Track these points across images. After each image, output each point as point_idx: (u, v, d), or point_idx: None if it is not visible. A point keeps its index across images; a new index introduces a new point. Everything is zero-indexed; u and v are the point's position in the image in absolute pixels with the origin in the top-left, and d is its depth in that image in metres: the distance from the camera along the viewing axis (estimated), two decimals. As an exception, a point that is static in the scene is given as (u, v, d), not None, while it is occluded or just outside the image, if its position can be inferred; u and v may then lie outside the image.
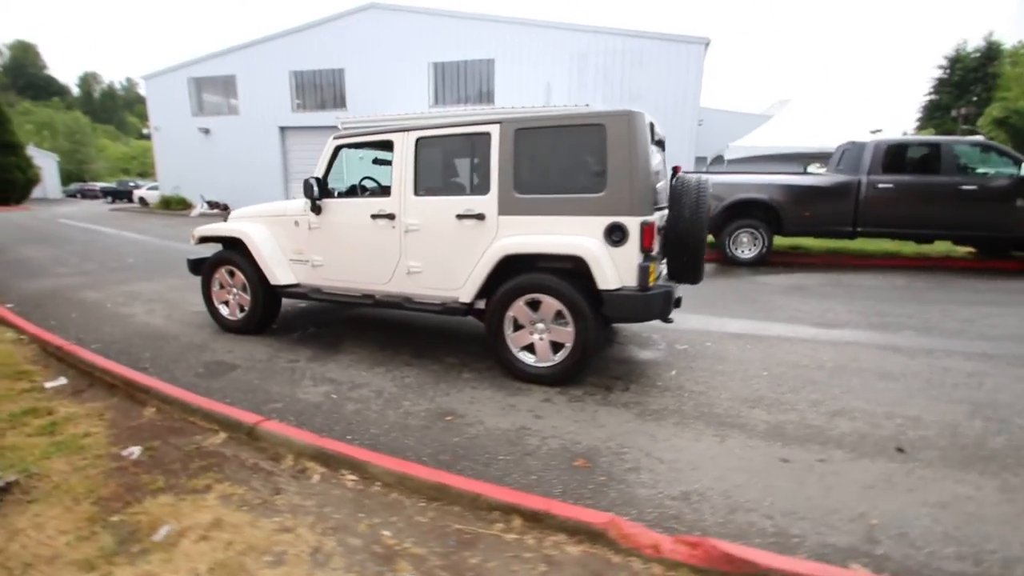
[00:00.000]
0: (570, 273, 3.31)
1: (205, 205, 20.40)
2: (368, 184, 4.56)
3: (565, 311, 3.29)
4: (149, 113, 22.85)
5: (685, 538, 1.76)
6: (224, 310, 4.66)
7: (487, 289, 3.51)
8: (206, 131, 21.55)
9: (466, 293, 3.56)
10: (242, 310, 4.56)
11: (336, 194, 4.23)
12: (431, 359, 3.97)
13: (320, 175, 4.06)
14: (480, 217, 3.46)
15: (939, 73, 46.90)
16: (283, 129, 20.49)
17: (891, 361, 3.96)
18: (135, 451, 2.46)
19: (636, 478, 2.35)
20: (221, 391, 3.28)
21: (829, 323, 5.02)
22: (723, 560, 1.64)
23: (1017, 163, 7.14)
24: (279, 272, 4.27)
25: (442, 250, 3.64)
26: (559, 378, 3.39)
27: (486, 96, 18.69)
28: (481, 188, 3.50)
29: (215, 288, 4.66)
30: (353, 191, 4.44)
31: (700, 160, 17.49)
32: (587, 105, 14.05)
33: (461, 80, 18.89)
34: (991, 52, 44.09)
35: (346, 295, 4.10)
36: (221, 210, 20.62)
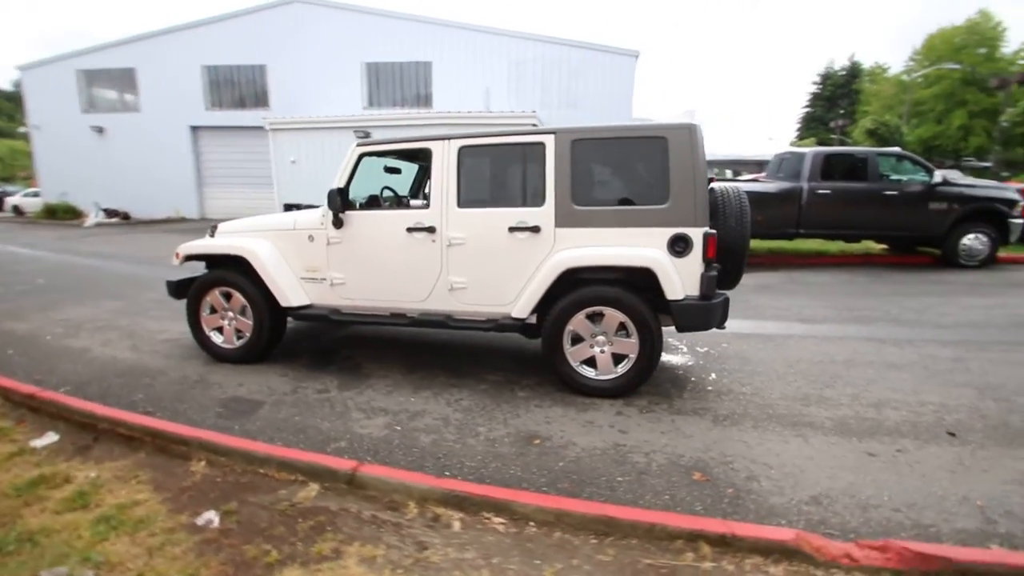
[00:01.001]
0: (625, 284, 3.30)
1: (101, 214, 18.00)
2: (387, 194, 4.25)
3: (629, 323, 3.28)
4: (27, 109, 19.71)
5: (869, 543, 1.81)
6: (216, 337, 4.11)
7: (542, 304, 3.40)
8: (100, 130, 19.02)
9: (520, 308, 3.42)
10: (239, 336, 4.05)
11: (358, 205, 3.89)
12: (473, 378, 3.77)
13: (341, 185, 3.72)
14: (535, 230, 3.35)
15: (814, 88, 53.45)
16: (195, 129, 18.62)
17: (886, 353, 4.38)
18: (213, 518, 2.08)
19: (759, 487, 2.39)
20: (263, 433, 2.88)
21: (811, 319, 5.46)
22: (918, 559, 1.71)
23: (928, 171, 8.26)
24: (291, 293, 3.84)
25: (491, 264, 3.48)
26: (622, 390, 3.37)
27: (424, 100, 18.31)
28: (535, 200, 3.39)
29: (204, 313, 4.09)
30: (375, 202, 4.11)
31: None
32: (533, 112, 14.21)
33: (397, 82, 18.34)
34: (854, 71, 51.02)
35: (372, 315, 3.79)
36: (121, 219, 18.34)
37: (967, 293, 6.58)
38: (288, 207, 15.36)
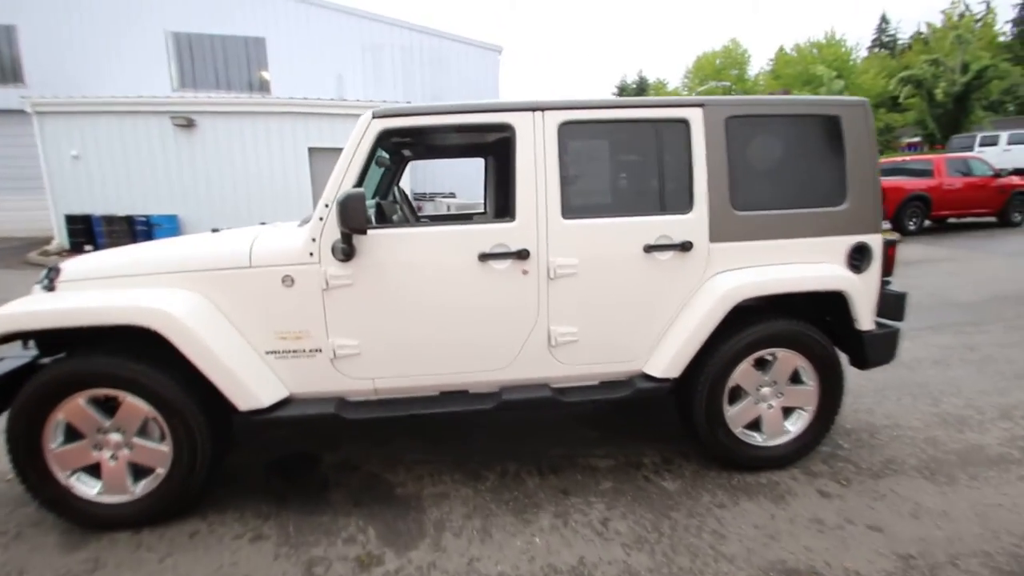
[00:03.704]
0: (792, 315, 2.47)
1: None
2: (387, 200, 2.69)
3: (807, 367, 2.44)
4: None
5: None
6: (86, 486, 2.11)
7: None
8: None
9: (663, 363, 2.32)
10: (138, 476, 2.14)
11: (374, 220, 2.32)
12: (574, 470, 2.53)
13: (354, 184, 2.12)
14: (684, 247, 2.28)
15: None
16: None
17: (932, 346, 4.22)
18: None
19: None
20: None
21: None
22: None
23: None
24: (255, 382, 2.11)
25: (616, 302, 2.30)
26: (795, 456, 2.52)
27: (258, 84, 15.15)
28: (678, 203, 2.31)
29: (53, 443, 2.07)
30: (381, 214, 2.54)
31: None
32: (409, 103, 12.60)
33: (219, 59, 14.84)
34: (642, 85, 58.91)
35: (409, 401, 2.29)
36: None
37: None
38: (73, 220, 11.19)
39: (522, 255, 2.20)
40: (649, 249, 2.27)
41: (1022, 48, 28.95)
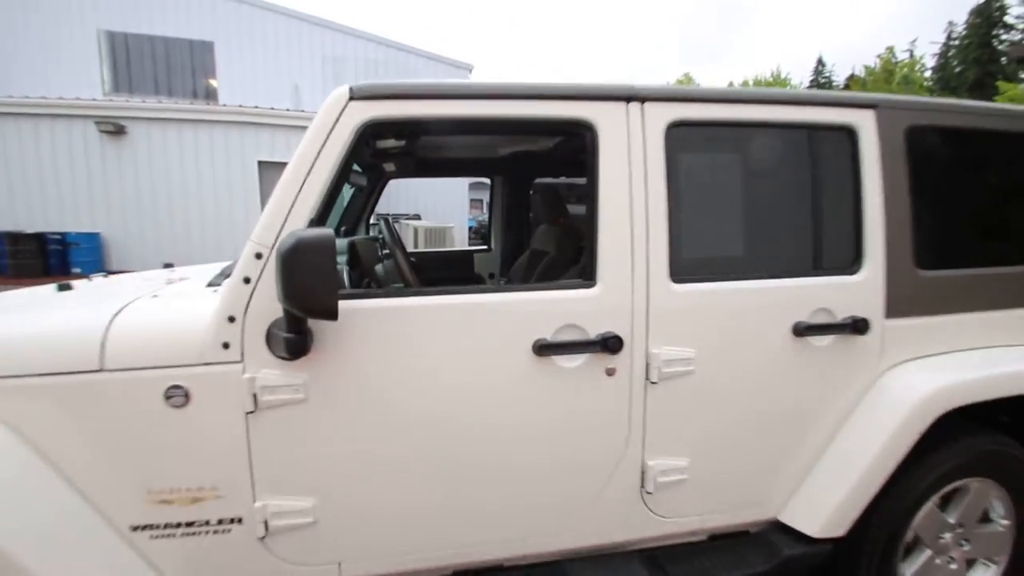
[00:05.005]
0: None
1: None
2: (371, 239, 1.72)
3: (1005, 499, 1.62)
4: None
5: None
6: None
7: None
8: None
9: (822, 512, 1.43)
10: None
11: (347, 282, 1.34)
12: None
13: (309, 219, 1.15)
14: (857, 327, 1.43)
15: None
16: None
17: None
18: None
19: None
20: None
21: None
22: None
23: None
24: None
25: (748, 416, 1.41)
26: (984, 631, 1.68)
27: (204, 92, 13.77)
28: (840, 258, 1.47)
29: None
30: (355, 261, 1.56)
31: (473, 186, 17.12)
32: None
33: (160, 63, 13.41)
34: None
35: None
36: None
37: None
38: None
39: (609, 346, 1.27)
40: (802, 332, 1.40)
41: (943, 92, 31.45)
